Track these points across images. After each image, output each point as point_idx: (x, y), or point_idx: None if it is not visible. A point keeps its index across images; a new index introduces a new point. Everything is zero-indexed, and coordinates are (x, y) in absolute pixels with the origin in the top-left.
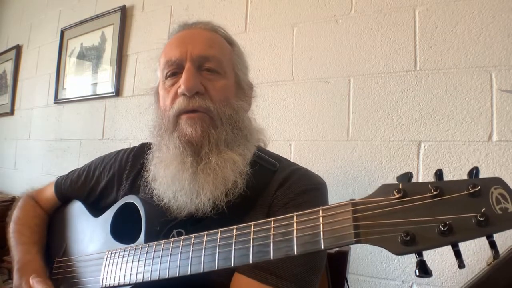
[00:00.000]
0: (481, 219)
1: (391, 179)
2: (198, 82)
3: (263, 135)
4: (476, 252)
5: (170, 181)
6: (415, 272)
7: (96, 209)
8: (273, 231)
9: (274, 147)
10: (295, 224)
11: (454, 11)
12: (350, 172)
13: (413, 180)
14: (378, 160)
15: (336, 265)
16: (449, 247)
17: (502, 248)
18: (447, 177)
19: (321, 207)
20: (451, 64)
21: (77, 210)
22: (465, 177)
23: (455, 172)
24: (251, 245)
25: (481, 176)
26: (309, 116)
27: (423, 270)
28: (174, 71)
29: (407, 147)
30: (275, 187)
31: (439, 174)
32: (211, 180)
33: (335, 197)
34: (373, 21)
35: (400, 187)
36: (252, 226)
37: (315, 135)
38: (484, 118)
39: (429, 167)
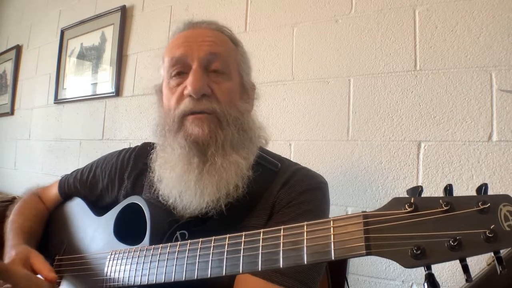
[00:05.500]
0: (490, 235)
1: (391, 179)
2: (205, 84)
3: (264, 132)
4: None
5: (176, 181)
6: (424, 285)
7: (97, 208)
8: (283, 239)
9: (274, 147)
10: (305, 233)
11: (454, 11)
12: (350, 172)
13: (413, 180)
14: (378, 160)
15: (336, 265)
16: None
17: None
18: (447, 176)
19: (332, 218)
20: (451, 64)
21: (79, 208)
22: (465, 177)
23: (455, 172)
24: (260, 253)
25: (480, 175)
26: (309, 116)
27: (432, 284)
28: (180, 70)
29: (407, 147)
30: (278, 187)
31: (449, 189)
32: (215, 181)
33: (335, 197)
34: (373, 21)
35: (412, 201)
36: (262, 233)
37: (315, 135)
38: (484, 118)
39: (429, 167)
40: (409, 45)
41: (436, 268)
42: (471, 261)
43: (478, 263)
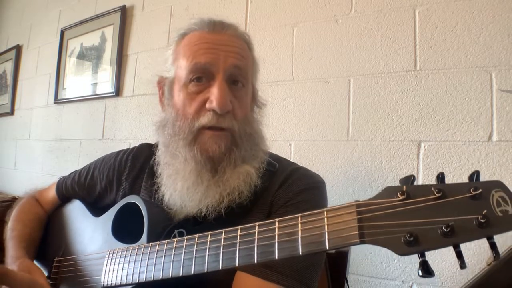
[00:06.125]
0: (482, 221)
1: (391, 179)
2: (229, 101)
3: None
4: (476, 252)
5: (184, 193)
6: (418, 272)
7: (95, 209)
8: (278, 232)
9: (274, 147)
10: (300, 224)
11: (454, 11)
12: (350, 172)
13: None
14: (378, 160)
15: (336, 265)
16: (451, 248)
17: (502, 248)
18: (447, 176)
19: (325, 208)
20: (451, 64)
21: (78, 209)
22: (465, 177)
23: (455, 172)
24: (255, 245)
25: (481, 176)
26: (309, 116)
27: (426, 271)
28: (201, 76)
29: (407, 147)
30: (276, 186)
31: (441, 177)
32: (220, 191)
33: (335, 197)
34: (373, 21)
35: (404, 189)
36: (257, 226)
37: (315, 135)
38: (484, 118)
39: (429, 167)
40: (409, 45)
41: (437, 269)
42: (471, 261)
43: (478, 263)
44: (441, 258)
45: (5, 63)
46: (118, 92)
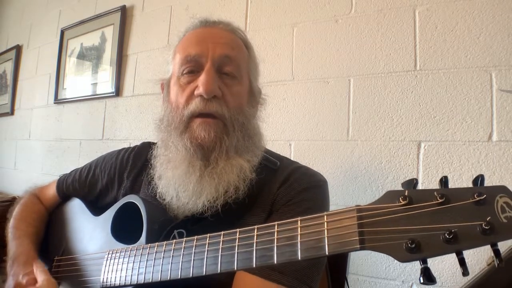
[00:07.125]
0: (486, 227)
1: (391, 179)
2: (216, 86)
3: (262, 139)
4: (476, 252)
5: (176, 181)
6: (420, 279)
7: (96, 208)
8: (277, 235)
9: (274, 147)
10: (299, 228)
11: (454, 11)
12: (350, 172)
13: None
14: (378, 160)
15: (336, 265)
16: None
17: (502, 248)
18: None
19: (326, 212)
20: (451, 64)
21: (77, 208)
22: (465, 177)
23: (455, 172)
24: (254, 249)
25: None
26: (309, 116)
27: (428, 278)
28: (192, 68)
29: (407, 147)
30: (277, 185)
31: (444, 181)
32: (215, 184)
33: (335, 197)
34: (373, 21)
35: (406, 194)
36: (256, 230)
37: (315, 135)
38: (484, 118)
39: (429, 167)
40: (409, 45)
41: (436, 269)
42: (471, 261)
43: (478, 263)
44: (440, 258)
45: (5, 63)
46: (118, 92)
